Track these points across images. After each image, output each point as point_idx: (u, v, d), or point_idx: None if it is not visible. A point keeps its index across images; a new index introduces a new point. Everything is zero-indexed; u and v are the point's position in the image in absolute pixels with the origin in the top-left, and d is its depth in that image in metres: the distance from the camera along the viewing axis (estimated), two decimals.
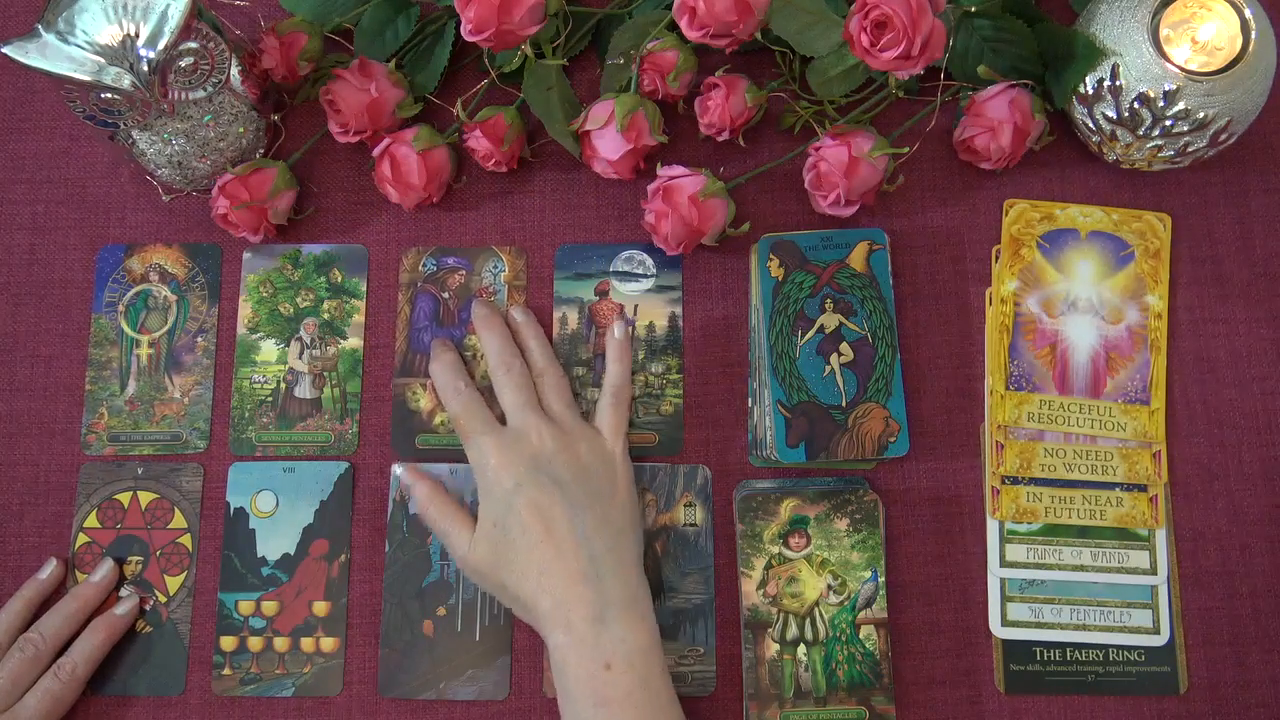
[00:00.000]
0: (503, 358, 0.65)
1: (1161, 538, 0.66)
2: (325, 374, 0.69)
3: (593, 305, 0.70)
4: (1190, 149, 0.65)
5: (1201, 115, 0.63)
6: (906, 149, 0.68)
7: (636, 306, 0.70)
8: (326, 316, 0.70)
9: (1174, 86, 0.62)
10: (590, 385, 0.68)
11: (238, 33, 0.68)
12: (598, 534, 0.60)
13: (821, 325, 0.65)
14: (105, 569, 0.65)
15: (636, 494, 0.64)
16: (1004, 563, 0.66)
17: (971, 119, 0.68)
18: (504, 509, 0.60)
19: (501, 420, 0.64)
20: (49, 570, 0.66)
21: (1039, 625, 0.65)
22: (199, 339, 0.69)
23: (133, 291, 0.70)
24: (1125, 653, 0.65)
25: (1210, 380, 0.68)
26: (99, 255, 0.70)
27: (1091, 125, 0.67)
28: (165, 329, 0.70)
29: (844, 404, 0.64)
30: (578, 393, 0.68)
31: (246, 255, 0.71)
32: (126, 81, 0.61)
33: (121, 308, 0.70)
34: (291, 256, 0.71)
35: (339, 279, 0.70)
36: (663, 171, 0.66)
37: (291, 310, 0.70)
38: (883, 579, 0.65)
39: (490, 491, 0.62)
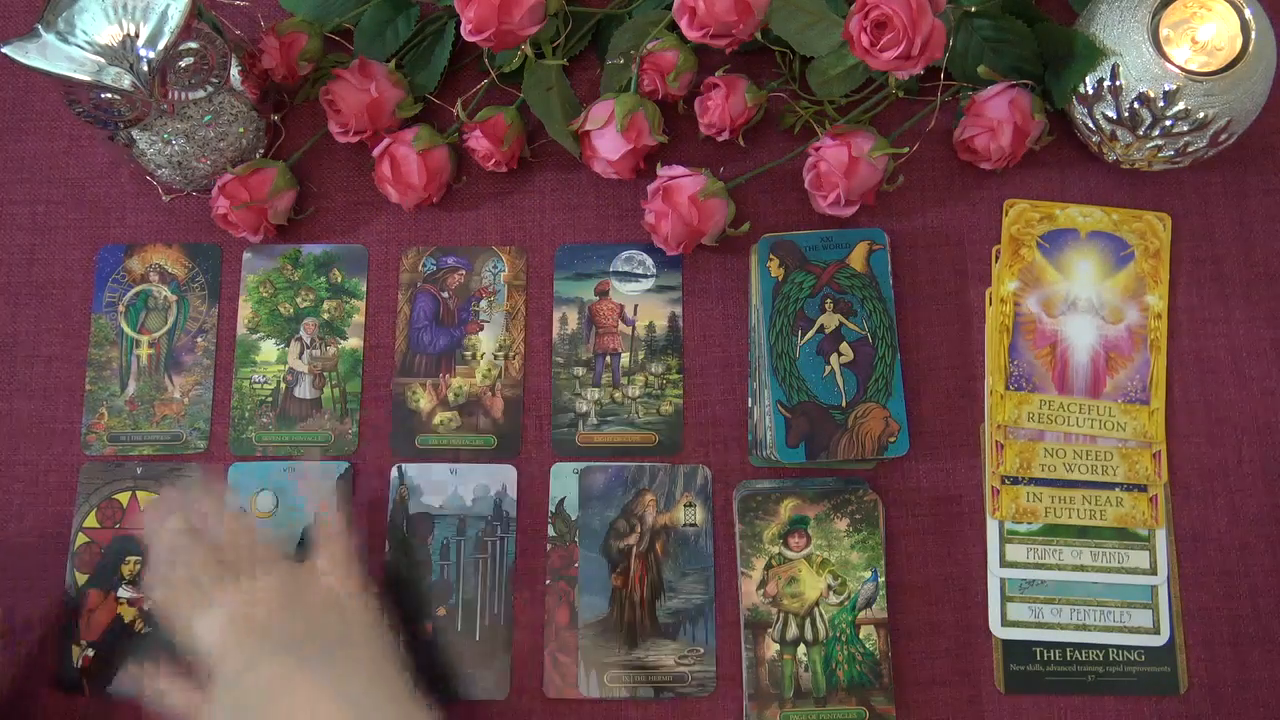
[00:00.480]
0: (176, 550, 0.58)
1: (1161, 538, 0.66)
2: (325, 374, 0.69)
3: (593, 305, 0.70)
4: (1190, 149, 0.65)
5: (1201, 115, 0.63)
6: (906, 149, 0.68)
7: (636, 306, 0.70)
8: (326, 316, 0.70)
9: (1174, 86, 0.62)
10: (590, 385, 0.68)
11: (238, 33, 0.68)
12: (350, 681, 0.54)
13: (821, 325, 0.65)
14: None
15: (378, 617, 0.59)
16: (1004, 563, 0.66)
17: (971, 119, 0.68)
18: (237, 695, 0.54)
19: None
20: None
21: (1039, 625, 0.65)
22: (199, 339, 0.69)
23: (133, 291, 0.70)
24: (1125, 653, 0.65)
25: (1210, 380, 0.68)
26: (99, 255, 0.70)
27: (1091, 125, 0.67)
28: (165, 329, 0.70)
29: (844, 404, 0.64)
30: (577, 393, 0.68)
31: (246, 255, 0.71)
32: (126, 81, 0.61)
33: (121, 308, 0.70)
34: (291, 256, 0.71)
35: (339, 279, 0.70)
36: (663, 171, 0.66)
37: (291, 310, 0.70)
38: (883, 579, 0.65)
39: (216, 679, 0.55)
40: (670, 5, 0.63)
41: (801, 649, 0.64)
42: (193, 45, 0.62)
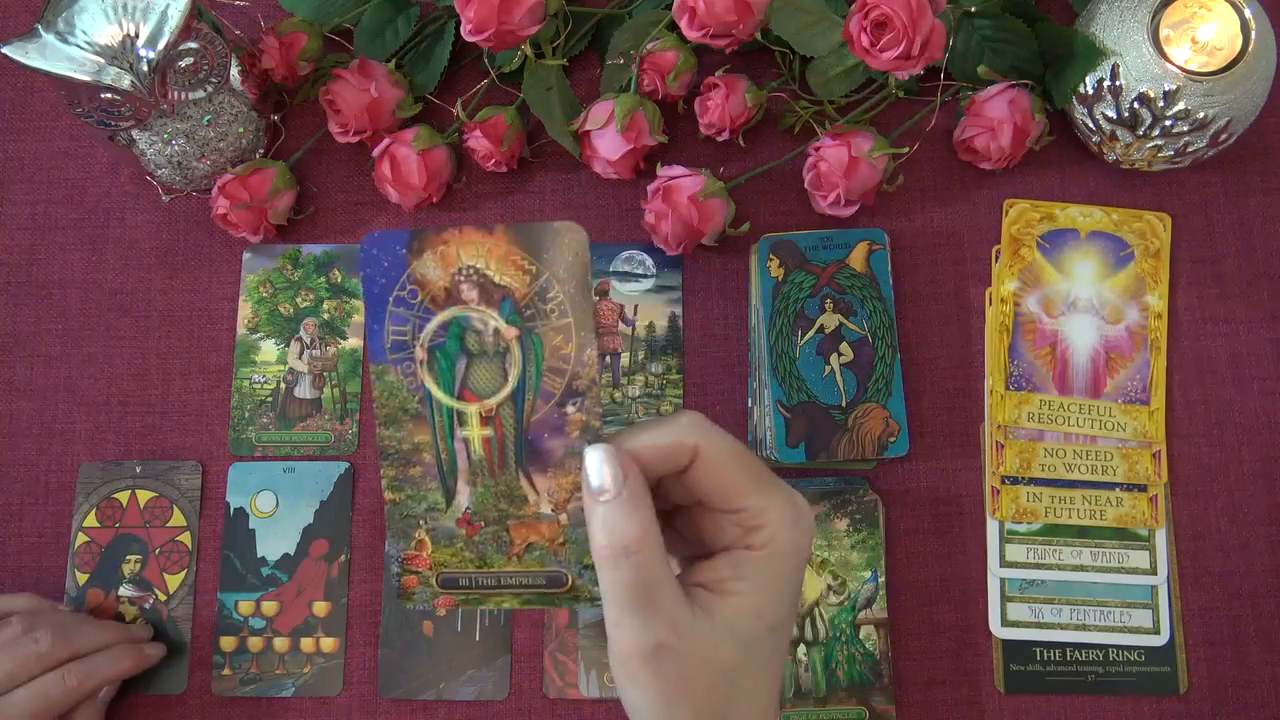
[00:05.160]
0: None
1: (1161, 538, 0.66)
2: (325, 374, 0.69)
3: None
4: (1190, 149, 0.65)
5: (1201, 115, 0.63)
6: (906, 149, 0.68)
7: (636, 306, 0.70)
8: (326, 316, 0.70)
9: (1174, 86, 0.62)
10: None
11: (238, 33, 0.68)
12: None
13: (821, 325, 0.65)
14: (155, 649, 0.64)
15: None
16: (1004, 563, 0.66)
17: (971, 119, 0.68)
18: None
19: None
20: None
21: (1039, 625, 0.65)
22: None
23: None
24: (1125, 653, 0.65)
25: (1210, 380, 0.68)
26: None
27: (1091, 125, 0.67)
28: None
29: (844, 404, 0.64)
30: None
31: (246, 255, 0.71)
32: (126, 81, 0.61)
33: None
34: (291, 256, 0.71)
35: (339, 279, 0.70)
36: (663, 171, 0.66)
37: (291, 310, 0.70)
38: (883, 579, 0.65)
39: None
40: (670, 5, 0.63)
41: (801, 649, 0.64)
42: (193, 45, 0.62)
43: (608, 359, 0.69)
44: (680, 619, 0.39)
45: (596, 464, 0.40)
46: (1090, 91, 0.65)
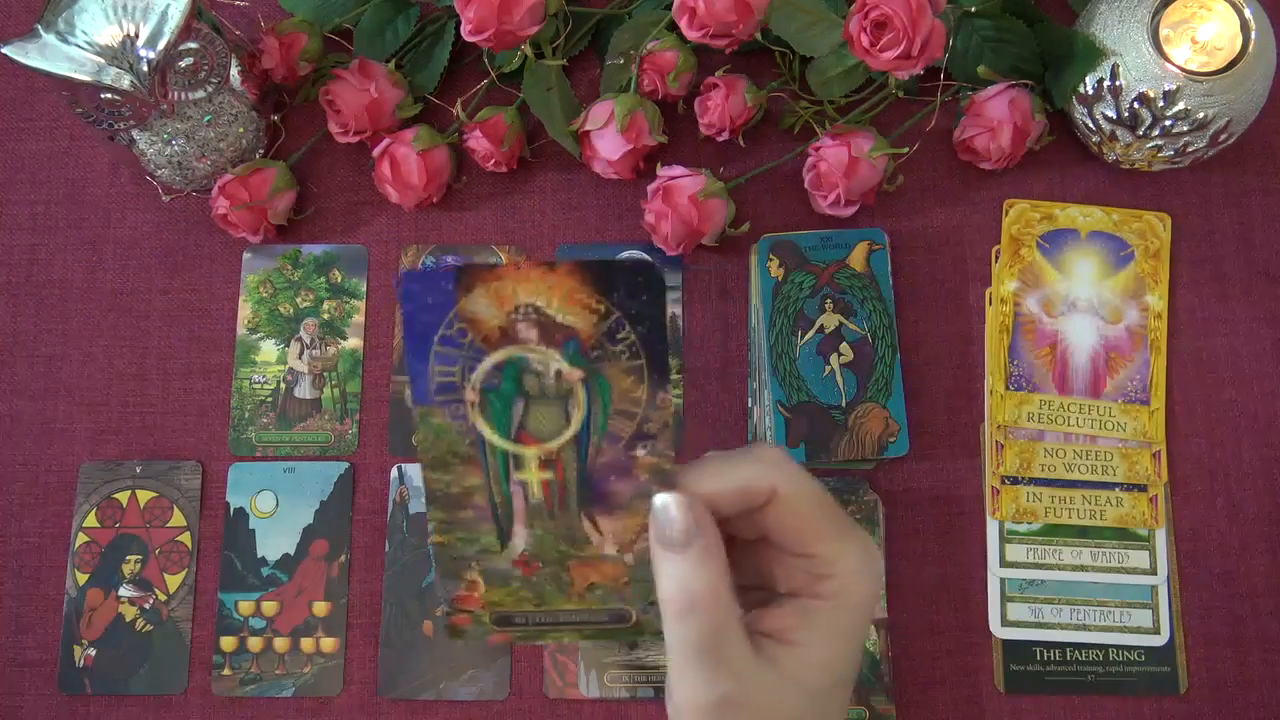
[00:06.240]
0: None
1: (1161, 538, 0.66)
2: (325, 374, 0.69)
3: None
4: (1190, 149, 0.65)
5: (1201, 115, 0.63)
6: (906, 149, 0.68)
7: None
8: (326, 317, 0.70)
9: (1174, 86, 0.62)
10: None
11: (238, 33, 0.68)
12: None
13: (821, 325, 0.65)
14: None
15: None
16: (1004, 563, 0.66)
17: (971, 119, 0.68)
18: None
19: None
20: None
21: (1039, 625, 0.65)
22: None
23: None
24: (1125, 653, 0.65)
25: (1210, 380, 0.68)
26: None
27: (1091, 125, 0.67)
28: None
29: (844, 404, 0.64)
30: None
31: (246, 255, 0.71)
32: (126, 81, 0.61)
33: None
34: (291, 256, 0.71)
35: (339, 279, 0.70)
36: (663, 171, 0.66)
37: (291, 310, 0.70)
38: (883, 579, 0.65)
39: None
40: (670, 5, 0.63)
41: None
42: (193, 45, 0.62)
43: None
44: (745, 672, 0.37)
45: (668, 514, 0.38)
46: (1090, 91, 0.65)
